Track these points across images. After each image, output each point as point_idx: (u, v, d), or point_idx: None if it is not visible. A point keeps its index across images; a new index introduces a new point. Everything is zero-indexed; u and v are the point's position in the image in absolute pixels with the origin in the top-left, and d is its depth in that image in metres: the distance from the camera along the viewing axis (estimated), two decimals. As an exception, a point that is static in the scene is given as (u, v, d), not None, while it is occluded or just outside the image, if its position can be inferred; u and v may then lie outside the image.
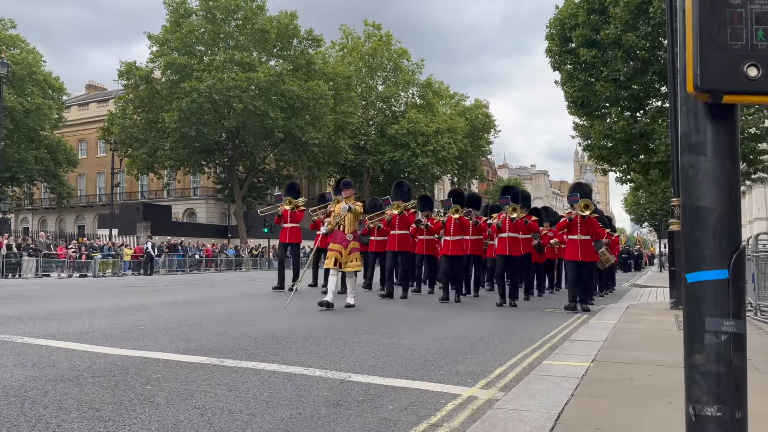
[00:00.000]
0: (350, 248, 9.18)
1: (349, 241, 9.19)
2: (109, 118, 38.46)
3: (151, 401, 3.48)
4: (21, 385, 3.75)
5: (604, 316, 9.04)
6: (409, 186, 12.63)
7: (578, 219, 9.93)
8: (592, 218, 9.98)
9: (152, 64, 35.98)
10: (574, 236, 10.02)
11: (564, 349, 5.58)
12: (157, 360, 4.72)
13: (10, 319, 7.13)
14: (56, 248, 25.38)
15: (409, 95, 49.53)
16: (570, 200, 10.40)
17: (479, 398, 3.82)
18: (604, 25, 19.06)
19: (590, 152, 23.61)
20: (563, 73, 21.09)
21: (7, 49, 33.41)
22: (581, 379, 4.07)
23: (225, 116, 35.33)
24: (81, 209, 53.53)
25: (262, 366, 4.57)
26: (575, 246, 10.00)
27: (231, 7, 35.41)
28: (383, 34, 46.67)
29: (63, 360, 4.61)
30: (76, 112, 54.11)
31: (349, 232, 9.21)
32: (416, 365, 4.84)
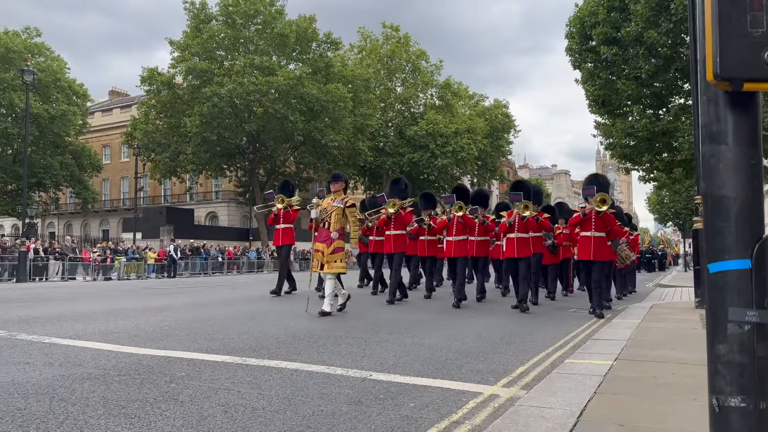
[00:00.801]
0: (334, 247, 8.32)
1: (334, 240, 8.33)
2: (132, 124, 39.01)
3: (176, 399, 3.53)
4: (49, 383, 3.83)
5: (628, 315, 8.94)
6: (407, 183, 11.52)
7: (593, 214, 8.85)
8: (609, 214, 8.82)
9: (174, 70, 36.42)
10: (587, 233, 8.94)
11: (587, 348, 5.54)
12: (181, 359, 4.78)
13: (38, 320, 7.27)
14: (81, 252, 25.79)
15: (428, 96, 49.46)
16: (585, 193, 9.18)
17: (501, 396, 3.81)
18: (624, 23, 18.87)
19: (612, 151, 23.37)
20: (584, 71, 20.91)
21: (32, 57, 34.08)
22: (604, 377, 4.03)
23: (245, 120, 35.63)
24: (105, 213, 54.34)
25: (284, 365, 4.61)
26: (588, 244, 8.94)
27: (250, 11, 35.71)
28: (401, 36, 46.68)
29: (89, 359, 4.69)
30: (100, 118, 54.99)
31: (335, 230, 8.36)
32: (437, 364, 4.84)
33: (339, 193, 8.61)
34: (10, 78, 33.62)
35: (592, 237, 8.88)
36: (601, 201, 8.75)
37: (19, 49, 34.96)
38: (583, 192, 9.30)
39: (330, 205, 8.53)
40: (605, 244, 8.99)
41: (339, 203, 8.47)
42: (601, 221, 8.85)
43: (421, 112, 47.49)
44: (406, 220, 10.76)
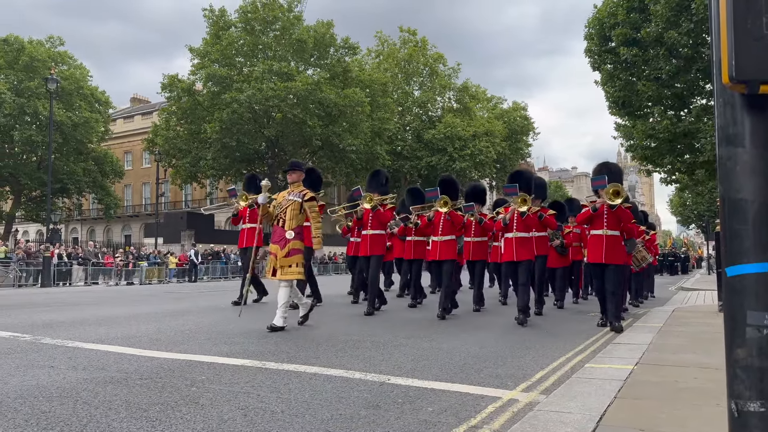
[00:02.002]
0: (289, 249, 6.92)
1: (289, 240, 6.94)
2: (153, 130, 39.52)
3: (196, 402, 3.57)
4: (73, 386, 3.90)
5: (649, 319, 8.83)
6: (388, 177, 10.06)
7: (604, 209, 7.54)
8: (624, 209, 7.54)
9: (194, 77, 36.84)
10: (599, 231, 7.59)
11: (607, 353, 5.49)
12: (201, 363, 4.83)
13: (62, 324, 7.40)
14: (104, 257, 26.16)
15: (446, 100, 49.41)
16: (594, 185, 7.73)
17: (520, 401, 3.79)
18: (644, 23, 18.70)
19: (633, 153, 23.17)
20: (603, 72, 20.77)
21: (56, 66, 34.75)
22: (624, 382, 3.99)
23: (264, 126, 35.92)
24: (127, 219, 55.07)
25: (303, 368, 4.64)
26: (599, 244, 7.58)
27: (269, 18, 36.01)
28: (419, 40, 46.73)
29: (112, 363, 4.76)
30: (122, 125, 55.80)
31: (291, 228, 7.00)
32: (455, 368, 4.83)
33: (297, 185, 7.27)
34: (34, 86, 34.29)
35: (604, 236, 7.52)
36: (613, 193, 7.38)
37: (43, 58, 35.65)
38: (592, 183, 7.85)
39: (285, 198, 7.19)
40: (619, 244, 7.66)
41: (296, 196, 7.11)
42: (614, 217, 7.53)
43: (439, 115, 47.47)
44: (385, 218, 9.30)
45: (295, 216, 7.03)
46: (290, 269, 6.88)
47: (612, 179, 7.55)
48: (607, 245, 7.54)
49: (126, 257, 26.43)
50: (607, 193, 7.42)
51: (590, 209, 7.70)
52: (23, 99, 34.51)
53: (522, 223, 8.32)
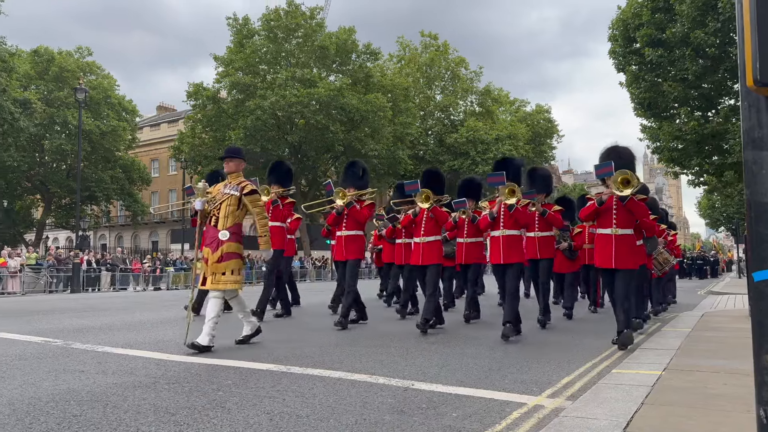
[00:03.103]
0: (222, 252, 5.78)
1: (223, 242, 5.81)
2: (179, 138, 40.09)
3: (223, 406, 3.62)
4: (103, 391, 3.98)
5: (678, 323, 8.69)
6: (365, 168, 8.58)
7: (613, 202, 6.23)
8: (637, 201, 6.24)
9: (218, 85, 37.30)
10: (606, 229, 6.30)
11: (634, 358, 5.42)
12: (227, 367, 4.89)
13: (91, 329, 7.55)
14: (132, 263, 26.58)
15: (468, 103, 49.26)
16: (599, 173, 6.34)
17: (545, 407, 3.77)
18: (669, 24, 18.45)
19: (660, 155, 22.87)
20: (628, 74, 20.54)
21: (84, 76, 35.49)
22: (652, 388, 3.94)
23: (287, 132, 36.22)
24: (154, 225, 55.87)
25: (327, 373, 4.66)
26: (607, 245, 6.24)
27: (291, 25, 36.34)
28: (440, 44, 46.73)
29: (140, 367, 4.85)
30: (148, 133, 56.72)
31: (226, 228, 5.89)
32: (480, 374, 4.81)
33: (235, 176, 6.22)
34: (64, 96, 35.07)
35: (613, 236, 6.22)
36: (622, 182, 6.03)
37: (72, 69, 36.44)
38: (596, 172, 6.43)
39: (220, 192, 6.09)
40: (633, 244, 6.36)
41: (233, 189, 6.04)
42: (625, 212, 6.22)
43: (461, 119, 47.33)
44: (362, 216, 7.92)
45: (231, 213, 5.95)
46: (223, 278, 5.76)
47: (621, 166, 6.17)
48: (618, 246, 6.20)
49: (153, 263, 26.82)
50: (614, 182, 6.06)
51: (595, 202, 6.34)
52: (53, 109, 35.33)
53: (510, 219, 7.01)
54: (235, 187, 6.08)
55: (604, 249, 6.32)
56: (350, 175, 8.37)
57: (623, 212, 6.24)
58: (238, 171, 6.32)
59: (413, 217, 7.71)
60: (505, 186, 6.97)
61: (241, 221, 6.13)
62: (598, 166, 6.38)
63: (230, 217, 5.95)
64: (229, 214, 5.95)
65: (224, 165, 6.38)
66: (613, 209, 6.27)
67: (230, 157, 6.32)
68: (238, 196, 6.02)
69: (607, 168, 6.21)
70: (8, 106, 27.94)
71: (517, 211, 6.95)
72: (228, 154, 6.39)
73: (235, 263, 5.87)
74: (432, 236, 7.62)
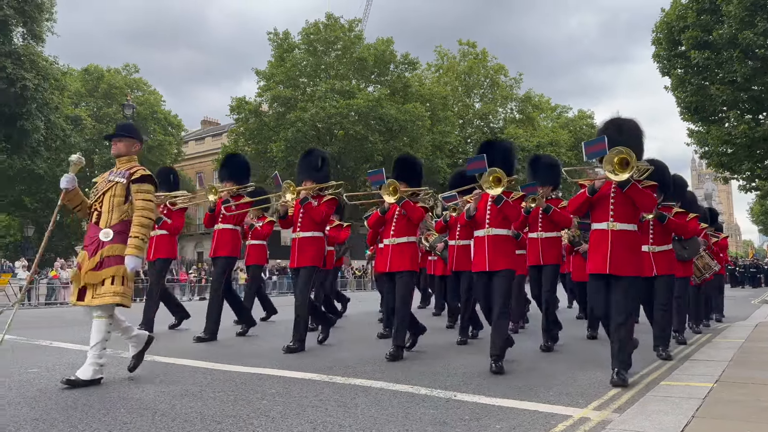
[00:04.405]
0: (102, 257, 4.53)
1: (104, 243, 4.57)
2: (223, 151, 40.94)
3: (267, 415, 3.67)
4: (152, 399, 4.08)
5: (730, 333, 8.38)
6: (325, 157, 7.11)
7: (611, 189, 4.95)
8: (642, 189, 4.91)
9: (260, 98, 38.04)
10: (601, 224, 4.96)
11: (684, 369, 5.25)
12: (271, 376, 4.96)
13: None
14: (178, 273, 27.21)
15: (508, 111, 48.85)
16: (589, 152, 5.03)
17: (592, 419, 3.69)
18: (716, 25, 17.99)
19: (708, 160, 22.30)
20: (673, 78, 20.11)
21: (131, 92, 36.74)
22: (703, 400, 3.81)
23: (327, 143, 36.60)
24: (200, 236, 56.97)
25: (369, 383, 4.68)
26: (601, 244, 4.91)
27: (331, 38, 36.85)
28: (479, 52, 46.55)
29: (187, 376, 4.95)
30: (193, 146, 58.04)
31: (109, 225, 4.59)
32: (524, 385, 4.74)
33: (126, 160, 4.82)
34: (112, 112, 36.36)
35: (610, 232, 4.88)
36: (620, 163, 4.68)
37: (120, 85, 37.79)
38: (586, 150, 5.07)
39: (104, 180, 4.77)
40: (634, 243, 4.96)
41: (119, 176, 4.72)
42: (625, 202, 4.90)
43: (501, 126, 46.95)
44: (319, 214, 6.56)
45: (116, 207, 4.62)
46: (104, 289, 4.47)
47: (622, 142, 4.76)
48: (614, 246, 4.83)
49: (199, 273, 27.43)
50: (609, 163, 4.72)
51: (586, 190, 5.07)
52: (102, 124, 36.64)
53: (498, 216, 5.55)
54: (122, 173, 4.72)
55: (598, 249, 4.95)
56: (305, 165, 6.96)
57: (623, 201, 4.91)
58: (130, 154, 4.86)
59: (381, 214, 6.34)
60: (489, 173, 5.42)
61: (129, 217, 4.66)
62: (589, 143, 5.05)
63: (115, 211, 4.61)
64: (114, 208, 4.61)
65: (112, 146, 4.88)
66: (610, 198, 4.95)
67: (119, 136, 4.84)
68: (125, 184, 4.67)
69: (598, 145, 4.84)
70: (60, 123, 29.11)
71: (506, 205, 5.45)
72: (119, 131, 4.91)
73: (118, 270, 4.51)
74: (403, 237, 6.23)
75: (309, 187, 6.74)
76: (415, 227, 6.38)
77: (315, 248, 6.65)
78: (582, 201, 5.12)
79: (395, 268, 6.15)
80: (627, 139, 4.86)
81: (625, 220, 4.91)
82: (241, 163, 8.24)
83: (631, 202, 4.91)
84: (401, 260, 6.14)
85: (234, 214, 7.65)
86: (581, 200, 5.13)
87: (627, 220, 4.92)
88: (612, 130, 5.05)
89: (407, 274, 6.14)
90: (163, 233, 8.05)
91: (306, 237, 6.63)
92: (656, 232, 6.39)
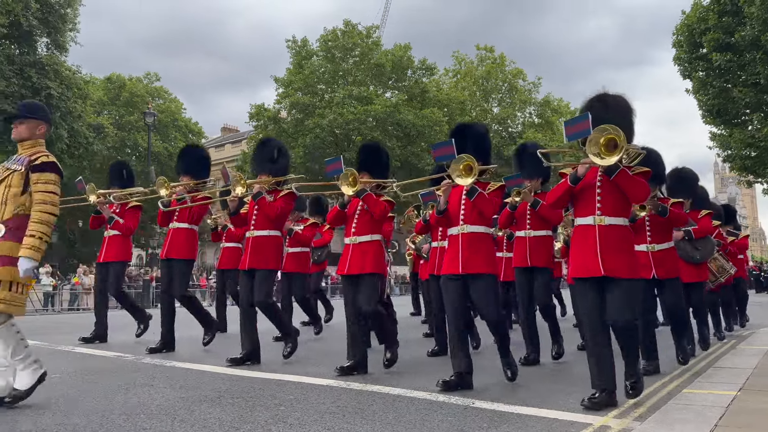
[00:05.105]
0: None
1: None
2: (243, 157, 41.30)
3: (285, 421, 3.67)
4: (171, 404, 4.11)
5: (755, 340, 8.22)
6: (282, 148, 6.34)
7: (596, 178, 4.22)
8: (632, 176, 4.16)
9: (279, 105, 38.36)
10: (586, 219, 4.22)
11: (707, 377, 5.16)
12: (289, 382, 4.98)
13: (160, 344, 7.80)
14: (198, 279, 27.44)
15: (527, 115, 48.61)
16: (570, 132, 4.21)
17: (612, 428, 3.65)
18: (738, 27, 17.75)
19: (732, 163, 22.00)
20: (695, 80, 19.88)
21: (153, 100, 37.29)
22: (726, 409, 3.74)
23: (345, 149, 36.75)
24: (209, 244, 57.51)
25: (386, 390, 4.67)
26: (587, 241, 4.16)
27: (348, 45, 37.08)
28: (497, 57, 46.45)
29: (206, 382, 4.99)
30: (213, 153, 58.54)
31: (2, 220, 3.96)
32: (543, 393, 4.69)
33: (29, 145, 4.15)
34: (134, 120, 36.94)
35: (596, 227, 4.13)
36: (607, 145, 3.96)
37: (142, 94, 38.38)
38: (566, 130, 4.23)
39: (3, 168, 4.14)
40: (629, 243, 4.22)
41: (17, 163, 4.11)
42: (614, 192, 4.15)
43: (520, 131, 46.71)
44: (273, 210, 5.85)
45: (11, 198, 3.99)
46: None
47: (609, 120, 4.02)
48: (603, 244, 4.07)
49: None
50: (593, 145, 3.97)
51: (568, 178, 4.31)
52: (124, 132, 37.23)
53: (473, 211, 4.82)
54: (21, 159, 4.07)
55: (583, 248, 4.16)
56: (260, 156, 6.27)
57: (611, 192, 4.16)
58: (35, 138, 4.18)
59: (340, 208, 5.58)
60: (457, 160, 4.70)
61: (28, 211, 3.99)
62: (570, 122, 4.25)
63: (9, 203, 3.97)
64: (9, 200, 3.98)
65: (13, 129, 4.15)
66: (596, 188, 4.20)
67: (23, 117, 4.15)
68: (23, 172, 4.02)
69: (581, 124, 4.06)
70: (83, 131, 29.62)
71: (480, 198, 4.72)
72: (20, 111, 4.21)
73: (6, 273, 3.85)
74: (366, 235, 5.49)
75: (263, 180, 6.02)
76: (380, 224, 5.60)
77: (271, 249, 5.92)
78: (563, 191, 4.36)
79: (355, 270, 5.42)
80: (614, 117, 4.11)
81: (615, 214, 4.16)
82: (200, 156, 7.52)
83: (620, 192, 4.16)
84: (363, 261, 5.41)
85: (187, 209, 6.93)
86: (562, 190, 4.37)
87: (616, 213, 4.17)
88: (597, 107, 4.29)
89: (371, 275, 5.41)
90: (115, 234, 7.50)
91: (260, 236, 5.91)
92: (654, 227, 5.61)
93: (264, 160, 6.16)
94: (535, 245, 6.17)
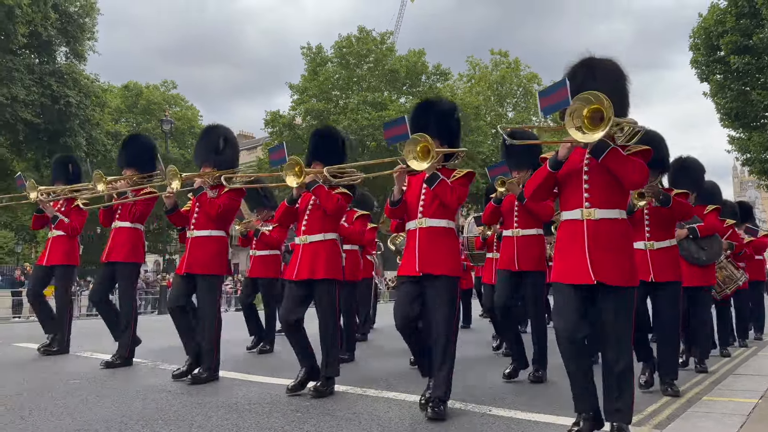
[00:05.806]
0: None
1: None
2: (258, 164, 41.58)
3: (301, 428, 3.68)
4: (188, 410, 4.14)
5: (777, 348, 8.10)
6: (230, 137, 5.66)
7: (582, 161, 3.46)
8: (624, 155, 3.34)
9: (293, 112, 38.59)
10: (573, 212, 3.43)
11: (727, 385, 5.09)
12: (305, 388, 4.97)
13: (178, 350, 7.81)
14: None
15: (542, 119, 48.46)
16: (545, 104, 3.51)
17: (630, 435, 3.60)
18: (756, 29, 17.56)
19: (751, 167, 21.73)
20: (712, 83, 19.70)
21: (170, 108, 37.71)
22: (747, 417, 3.69)
23: (359, 154, 36.88)
24: (236, 248, 56.68)
25: (402, 396, 4.66)
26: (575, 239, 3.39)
27: (363, 51, 37.24)
28: (511, 61, 46.38)
29: (223, 388, 5.02)
30: (229, 160, 59.05)
31: None
32: (560, 400, 4.65)
33: None
34: (151, 128, 37.32)
35: (584, 222, 3.37)
36: (591, 117, 3.14)
37: (159, 101, 38.84)
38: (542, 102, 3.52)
39: None
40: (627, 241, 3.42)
41: None
42: (605, 177, 3.38)
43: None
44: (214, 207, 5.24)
45: None
46: None
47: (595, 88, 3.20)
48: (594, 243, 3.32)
49: (235, 285, 27.77)
50: (574, 117, 3.18)
51: (547, 163, 3.53)
52: (142, 140, 37.69)
53: (433, 202, 4.11)
54: None
55: (570, 248, 3.39)
56: (203, 146, 5.56)
57: (601, 177, 3.38)
58: None
59: (288, 204, 4.86)
60: (411, 141, 3.96)
61: None
62: (545, 91, 3.55)
63: None
64: None
65: None
66: (582, 173, 3.44)
67: None
68: None
69: (557, 94, 3.36)
70: (102, 139, 30.03)
71: (442, 185, 3.98)
72: None
73: None
74: (318, 234, 4.75)
75: (206, 173, 5.32)
76: (335, 220, 4.88)
77: (213, 251, 5.25)
78: (542, 179, 3.53)
79: (304, 275, 4.63)
80: (602, 86, 3.27)
81: (607, 205, 3.35)
82: (145, 146, 6.71)
83: (613, 178, 3.34)
84: (313, 264, 4.64)
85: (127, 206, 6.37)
86: (541, 178, 3.55)
87: (609, 204, 3.36)
88: (582, 74, 3.48)
89: (329, 281, 4.67)
90: (59, 234, 6.81)
91: (201, 237, 5.27)
92: (654, 221, 4.83)
93: (209, 151, 5.46)
94: (523, 245, 5.36)
